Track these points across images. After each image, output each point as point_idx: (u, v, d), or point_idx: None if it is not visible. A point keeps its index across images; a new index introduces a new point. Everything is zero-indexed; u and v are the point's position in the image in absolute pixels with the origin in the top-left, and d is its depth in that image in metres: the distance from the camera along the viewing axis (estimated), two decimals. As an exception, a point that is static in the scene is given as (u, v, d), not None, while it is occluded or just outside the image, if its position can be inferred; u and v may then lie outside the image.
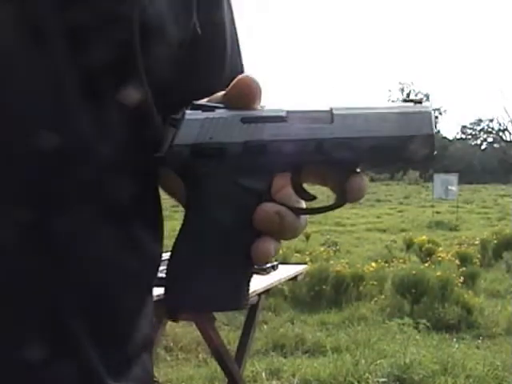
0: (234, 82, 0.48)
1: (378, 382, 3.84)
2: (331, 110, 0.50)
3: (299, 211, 0.50)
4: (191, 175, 0.49)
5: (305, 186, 0.52)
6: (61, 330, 0.48)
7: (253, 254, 0.49)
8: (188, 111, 0.49)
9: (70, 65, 0.46)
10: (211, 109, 0.49)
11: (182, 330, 4.74)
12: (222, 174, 0.48)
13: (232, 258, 0.49)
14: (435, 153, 0.51)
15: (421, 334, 4.96)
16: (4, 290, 0.45)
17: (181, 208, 0.53)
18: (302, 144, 0.49)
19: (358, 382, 3.89)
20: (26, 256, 0.46)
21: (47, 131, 0.45)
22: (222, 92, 0.50)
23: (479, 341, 5.03)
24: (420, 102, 0.51)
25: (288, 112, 0.49)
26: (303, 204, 0.51)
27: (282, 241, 0.51)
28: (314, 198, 0.52)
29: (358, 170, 0.51)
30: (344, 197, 0.50)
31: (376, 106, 0.51)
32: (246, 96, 0.48)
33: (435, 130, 0.51)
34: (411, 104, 0.51)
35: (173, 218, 2.02)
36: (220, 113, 0.49)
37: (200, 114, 0.48)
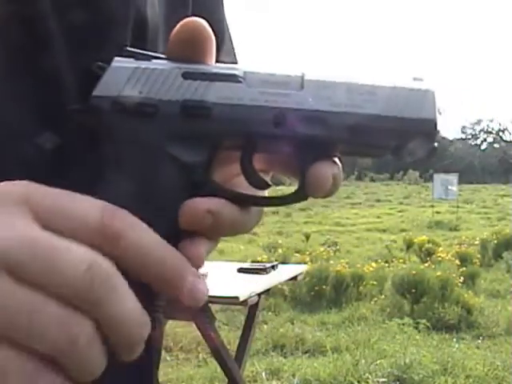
0: (177, 26, 0.38)
1: (377, 382, 3.85)
2: (303, 74, 0.39)
3: (243, 201, 0.39)
4: (108, 136, 0.38)
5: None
6: None
7: None
8: (117, 58, 0.39)
9: (69, 64, 0.46)
10: (147, 58, 0.39)
11: (182, 330, 4.74)
12: (147, 138, 0.38)
13: None
14: (436, 145, 0.39)
15: (421, 334, 4.96)
16: None
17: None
18: (258, 112, 0.38)
19: (358, 382, 3.90)
20: None
21: (47, 130, 0.45)
22: None
23: (479, 341, 5.03)
24: (421, 79, 0.40)
25: (246, 72, 0.39)
26: (257, 193, 0.41)
27: (281, 240, 0.42)
28: (267, 184, 0.41)
29: (329, 156, 0.39)
30: (304, 188, 0.39)
31: (364, 78, 0.40)
32: (192, 43, 0.38)
33: (438, 118, 0.39)
34: (410, 80, 0.40)
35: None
36: (157, 63, 0.39)
37: (131, 63, 0.39)
